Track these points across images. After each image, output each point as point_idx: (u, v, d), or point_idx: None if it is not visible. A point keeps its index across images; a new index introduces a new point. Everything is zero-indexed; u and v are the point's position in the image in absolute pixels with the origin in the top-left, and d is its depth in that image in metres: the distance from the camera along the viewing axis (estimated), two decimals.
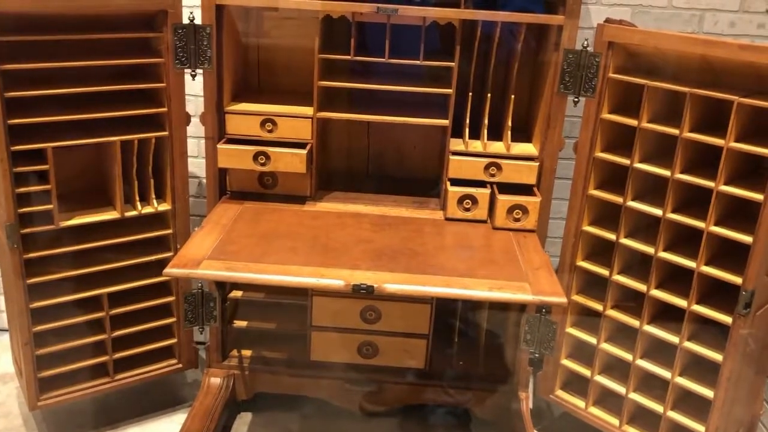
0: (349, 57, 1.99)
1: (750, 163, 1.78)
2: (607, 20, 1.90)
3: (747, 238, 1.71)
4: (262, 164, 2.01)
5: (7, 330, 2.38)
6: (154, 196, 2.06)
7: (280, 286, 1.77)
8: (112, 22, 1.88)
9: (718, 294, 1.85)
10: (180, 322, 2.19)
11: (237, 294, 2.30)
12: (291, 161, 2.00)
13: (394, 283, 1.62)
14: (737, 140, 1.71)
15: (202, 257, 1.69)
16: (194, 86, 2.12)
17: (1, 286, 2.41)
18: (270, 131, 2.05)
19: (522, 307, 2.12)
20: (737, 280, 1.75)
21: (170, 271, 1.64)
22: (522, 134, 2.17)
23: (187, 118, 2.03)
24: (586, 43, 1.89)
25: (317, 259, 1.72)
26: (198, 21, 1.92)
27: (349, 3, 1.92)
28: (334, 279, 1.61)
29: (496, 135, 2.09)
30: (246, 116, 2.03)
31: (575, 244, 2.06)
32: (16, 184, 1.82)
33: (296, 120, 2.04)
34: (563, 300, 1.61)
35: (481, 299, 1.66)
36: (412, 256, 1.78)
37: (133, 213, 2.03)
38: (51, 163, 1.84)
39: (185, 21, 1.91)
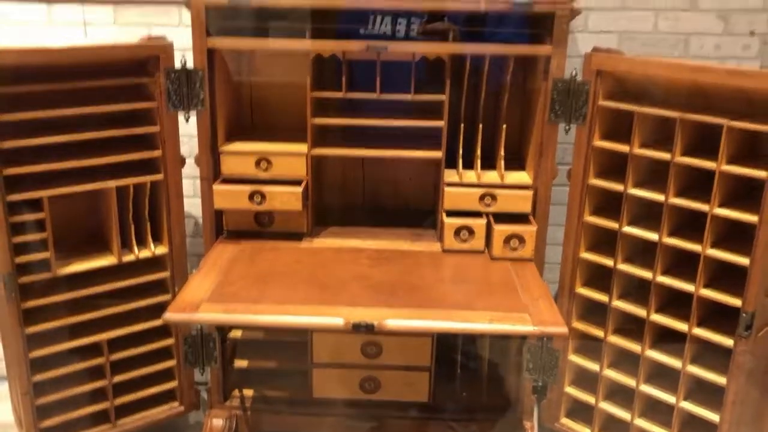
0: (341, 94, 2.00)
1: (743, 184, 1.79)
2: (595, 49, 1.92)
3: (744, 260, 1.71)
4: (258, 203, 2.02)
5: (5, 378, 2.36)
6: (150, 239, 2.05)
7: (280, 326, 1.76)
8: (106, 68, 1.90)
9: (719, 316, 1.85)
10: (180, 365, 2.18)
11: (236, 334, 2.28)
12: (287, 199, 2.01)
13: (394, 320, 1.61)
14: (729, 163, 1.72)
15: (201, 300, 1.69)
16: (188, 127, 2.12)
17: None
18: (265, 170, 2.05)
19: (524, 335, 2.12)
20: (737, 302, 1.75)
21: (170, 316, 1.63)
22: (515, 163, 2.18)
23: (182, 161, 2.04)
24: (574, 71, 1.91)
25: (316, 298, 1.71)
26: (190, 65, 1.94)
27: (339, 42, 1.94)
28: (334, 317, 1.61)
29: (489, 164, 2.10)
30: (241, 156, 2.05)
31: (573, 271, 2.06)
32: (12, 234, 1.81)
33: (291, 158, 2.05)
34: (564, 330, 1.61)
35: (482, 332, 1.66)
36: (411, 291, 1.78)
37: (131, 258, 2.03)
38: (47, 212, 1.84)
39: (177, 65, 1.93)
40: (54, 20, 2.30)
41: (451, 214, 2.05)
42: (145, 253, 2.05)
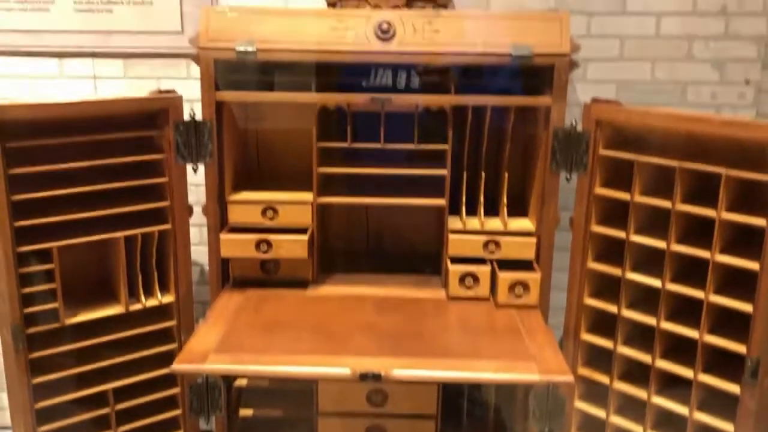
0: (346, 144, 2.05)
1: (743, 230, 1.81)
2: (594, 99, 1.97)
3: (747, 307, 1.73)
4: (264, 251, 2.04)
5: (9, 428, 2.35)
6: (157, 288, 2.07)
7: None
8: (116, 121, 1.94)
9: (725, 361, 1.85)
10: (186, 414, 2.17)
11: (242, 382, 2.28)
12: (292, 247, 2.03)
13: (400, 369, 1.62)
14: (729, 210, 1.75)
15: (208, 350, 1.70)
16: (195, 176, 2.16)
17: (3, 382, 2.39)
18: (271, 218, 2.08)
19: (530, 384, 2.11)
20: (741, 348, 1.75)
21: (178, 367, 1.64)
22: (518, 209, 2.21)
23: (190, 210, 2.07)
24: (574, 121, 1.96)
25: (323, 347, 1.72)
26: (198, 117, 1.99)
27: (345, 94, 1.99)
28: (341, 368, 1.62)
29: (492, 211, 2.13)
30: (247, 205, 2.08)
31: (578, 317, 2.07)
32: (21, 285, 1.83)
33: (296, 206, 2.08)
34: (570, 378, 1.61)
35: (488, 382, 1.66)
36: (417, 339, 1.79)
37: (138, 307, 2.04)
38: (56, 262, 1.86)
39: (186, 117, 1.98)
40: (65, 74, 2.37)
41: (456, 260, 2.08)
42: (152, 302, 2.07)
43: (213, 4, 2.29)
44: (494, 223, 2.10)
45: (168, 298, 2.09)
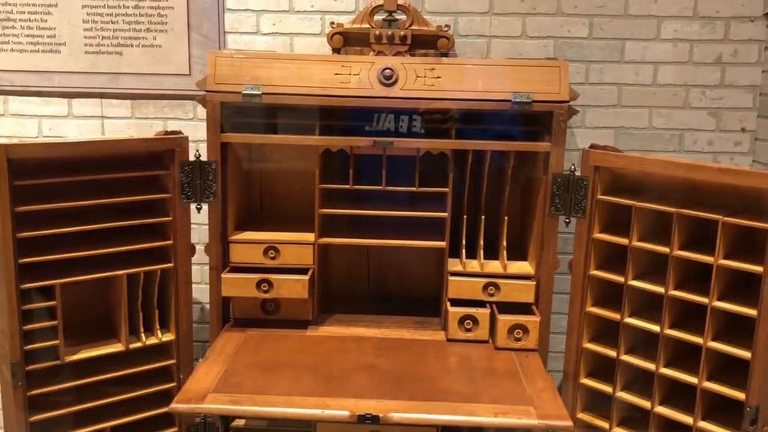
0: (348, 187, 2.08)
1: (741, 276, 1.83)
2: (592, 146, 2.01)
3: (746, 354, 1.73)
4: (265, 291, 2.05)
5: None
6: (158, 327, 2.08)
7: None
8: (123, 160, 1.98)
9: (725, 408, 1.85)
10: None
11: (239, 423, 2.26)
12: (293, 287, 2.05)
13: (399, 412, 1.62)
14: (726, 257, 1.77)
15: (207, 390, 1.70)
16: (198, 215, 2.19)
17: (1, 420, 2.38)
18: (273, 258, 2.10)
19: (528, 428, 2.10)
20: (740, 395, 1.75)
21: (176, 406, 1.65)
22: (518, 252, 2.23)
23: (192, 249, 2.09)
24: (573, 167, 1.99)
25: (321, 389, 1.73)
26: (204, 157, 2.03)
27: (348, 138, 2.03)
28: (339, 410, 1.62)
29: (492, 253, 2.15)
30: (249, 245, 2.10)
31: (577, 361, 2.07)
32: (23, 321, 1.84)
33: (298, 247, 2.10)
34: (568, 424, 1.61)
35: (487, 425, 1.66)
36: (416, 382, 1.79)
37: (138, 345, 2.05)
38: (58, 300, 1.87)
39: (191, 158, 2.01)
40: (74, 113, 2.41)
41: (455, 303, 2.09)
42: (152, 340, 2.07)
43: (221, 48, 2.34)
44: (494, 266, 2.12)
45: (168, 337, 2.10)
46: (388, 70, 1.98)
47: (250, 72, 1.99)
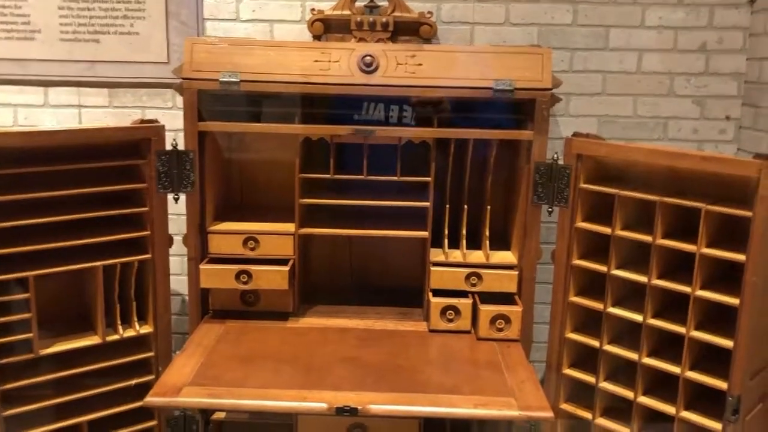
0: (328, 176, 2.05)
1: (724, 264, 1.81)
2: (575, 134, 1.98)
3: (728, 343, 1.72)
4: (245, 282, 2.02)
5: None
6: (136, 319, 2.04)
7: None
8: (99, 150, 1.94)
9: (707, 397, 1.84)
10: None
11: (220, 416, 2.24)
12: (273, 278, 2.02)
13: (378, 404, 1.60)
14: (709, 245, 1.75)
15: (183, 383, 1.67)
16: (177, 206, 2.15)
17: None
18: (252, 249, 2.07)
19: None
20: (723, 385, 1.74)
21: (151, 400, 1.62)
22: (501, 242, 2.21)
23: (170, 240, 2.05)
24: (555, 155, 1.97)
25: (300, 381, 1.70)
26: (181, 147, 1.99)
27: (328, 126, 2.00)
28: (318, 402, 1.59)
29: (475, 243, 2.12)
30: (228, 236, 2.07)
31: (560, 352, 2.06)
32: None
33: (278, 237, 2.07)
34: (549, 415, 1.59)
35: (467, 417, 1.64)
36: (397, 373, 1.77)
37: (115, 337, 2.01)
38: (32, 292, 1.84)
39: (168, 147, 1.98)
40: (50, 102, 2.37)
41: (438, 293, 2.06)
42: (129, 333, 2.04)
43: (199, 35, 2.30)
44: (477, 256, 2.10)
45: (146, 329, 2.06)
46: (368, 57, 1.95)
47: (228, 59, 1.95)
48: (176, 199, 2.02)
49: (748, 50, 2.29)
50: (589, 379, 2.01)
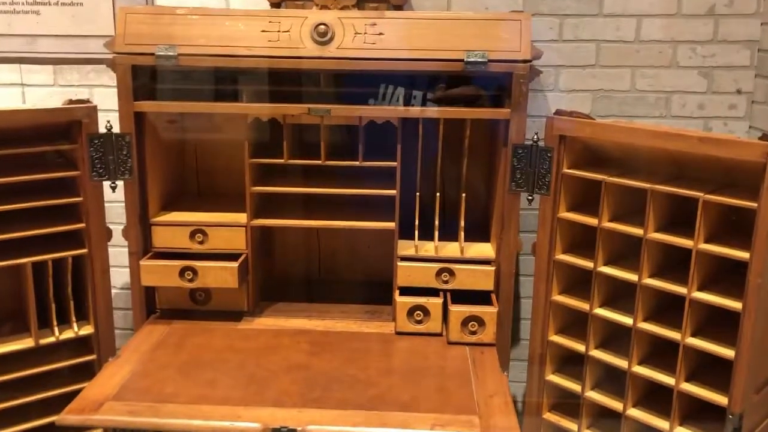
0: (282, 161, 1.83)
1: (726, 263, 1.58)
2: (557, 112, 1.74)
3: (729, 352, 1.49)
4: (190, 280, 1.83)
5: None
6: (74, 319, 1.86)
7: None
8: (23, 135, 1.74)
9: (706, 412, 1.61)
10: None
11: None
12: (221, 275, 1.82)
13: (320, 425, 1.40)
14: (708, 240, 1.52)
15: (106, 398, 1.49)
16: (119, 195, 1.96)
17: None
18: (201, 242, 1.87)
19: None
20: (722, 400, 1.52)
21: (65, 417, 1.43)
22: (482, 233, 1.99)
23: (108, 233, 1.86)
24: (536, 136, 1.73)
25: (237, 395, 1.51)
26: (117, 129, 1.79)
27: (279, 105, 1.78)
28: (250, 422, 1.40)
29: (454, 235, 1.90)
30: (173, 227, 1.87)
31: (542, 355, 1.84)
32: None
33: (228, 229, 1.87)
34: None
35: None
36: (350, 385, 1.56)
37: (51, 339, 1.83)
38: None
39: (102, 130, 1.77)
40: None
41: (406, 291, 1.85)
42: (67, 334, 1.86)
43: (148, 4, 2.08)
44: (451, 249, 1.88)
45: (86, 330, 1.88)
46: (322, 26, 1.72)
47: (164, 30, 1.73)
48: (113, 188, 1.82)
49: (763, 14, 2.01)
50: (575, 387, 1.80)
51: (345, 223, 1.88)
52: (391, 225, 1.87)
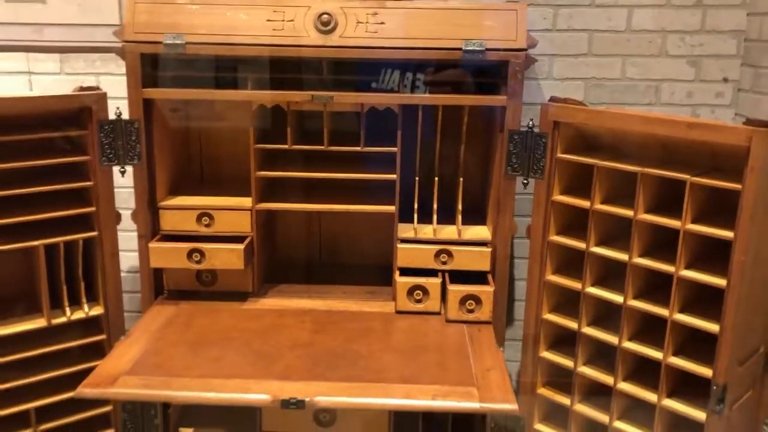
0: (286, 147, 1.89)
1: (714, 244, 1.65)
2: (552, 99, 1.81)
3: (714, 327, 1.57)
4: (197, 261, 1.89)
5: None
6: (85, 300, 1.92)
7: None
8: (35, 121, 1.79)
9: (694, 385, 1.69)
10: None
11: None
12: (227, 257, 1.88)
13: (327, 396, 1.47)
14: (695, 220, 1.59)
15: (120, 373, 1.55)
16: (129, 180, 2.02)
17: None
18: (207, 225, 1.94)
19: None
20: (707, 372, 1.60)
21: (83, 391, 1.50)
22: (479, 216, 2.06)
23: (118, 217, 1.92)
24: (531, 123, 1.80)
25: (246, 370, 1.58)
26: (126, 116, 1.84)
27: (282, 92, 1.84)
28: (260, 394, 1.47)
29: (451, 218, 1.97)
30: (181, 211, 1.93)
31: (536, 333, 1.92)
32: None
33: (234, 213, 1.93)
34: (513, 407, 1.46)
35: (422, 410, 1.51)
36: (353, 361, 1.64)
37: (62, 320, 1.89)
38: None
39: (112, 117, 1.83)
40: None
41: (406, 272, 1.93)
42: (78, 315, 1.92)
43: None
44: (449, 232, 1.95)
45: (96, 310, 1.94)
46: (325, 16, 1.78)
47: (172, 19, 1.79)
48: (122, 173, 1.88)
49: (749, 5, 2.09)
50: (568, 363, 1.87)
51: (347, 206, 1.95)
52: (391, 209, 1.94)
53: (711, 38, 2.13)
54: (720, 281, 1.55)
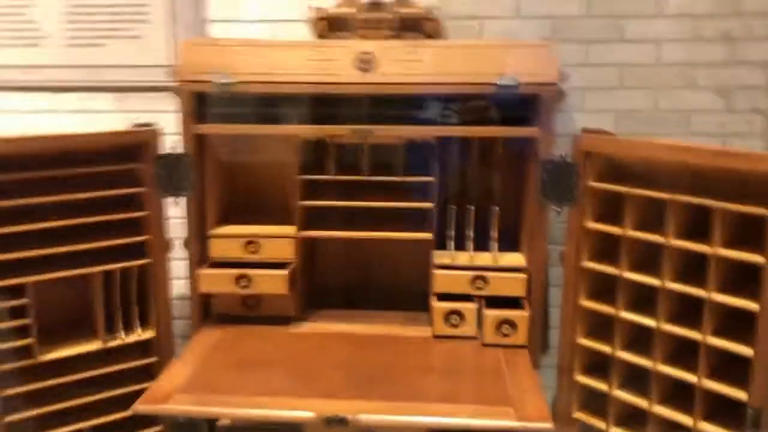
0: (329, 177, 1.99)
1: (744, 268, 1.69)
2: (584, 130, 1.89)
3: (748, 351, 1.60)
4: (244, 287, 1.99)
5: None
6: (138, 324, 2.03)
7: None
8: (94, 155, 1.92)
9: (729, 408, 1.72)
10: None
11: (226, 421, 2.22)
12: (272, 282, 1.98)
13: (369, 414, 1.54)
14: (725, 245, 1.64)
15: (174, 390, 1.64)
16: (178, 210, 2.13)
17: None
18: (253, 252, 2.04)
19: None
20: (742, 395, 1.62)
21: (139, 407, 1.59)
22: (512, 243, 2.12)
23: (167, 245, 2.03)
24: (564, 153, 1.87)
25: (292, 389, 1.66)
26: (180, 150, 1.96)
27: (324, 127, 1.94)
28: (305, 411, 1.54)
29: (485, 245, 2.04)
30: (228, 239, 2.04)
31: (571, 358, 1.96)
32: None
33: (278, 240, 2.03)
34: (548, 426, 1.51)
35: (460, 428, 1.56)
36: (393, 381, 1.70)
37: (117, 342, 2.00)
38: (31, 298, 1.83)
39: (166, 150, 1.95)
40: (58, 108, 2.37)
41: (442, 297, 1.99)
42: (132, 338, 2.02)
43: (203, 35, 2.28)
44: (484, 258, 2.02)
45: (148, 334, 2.05)
46: (365, 55, 1.89)
47: (222, 60, 1.91)
48: (176, 203, 2.00)
49: None
50: (602, 386, 1.91)
51: (385, 234, 2.03)
52: (428, 236, 2.01)
53: (740, 70, 2.18)
54: (752, 305, 1.58)
